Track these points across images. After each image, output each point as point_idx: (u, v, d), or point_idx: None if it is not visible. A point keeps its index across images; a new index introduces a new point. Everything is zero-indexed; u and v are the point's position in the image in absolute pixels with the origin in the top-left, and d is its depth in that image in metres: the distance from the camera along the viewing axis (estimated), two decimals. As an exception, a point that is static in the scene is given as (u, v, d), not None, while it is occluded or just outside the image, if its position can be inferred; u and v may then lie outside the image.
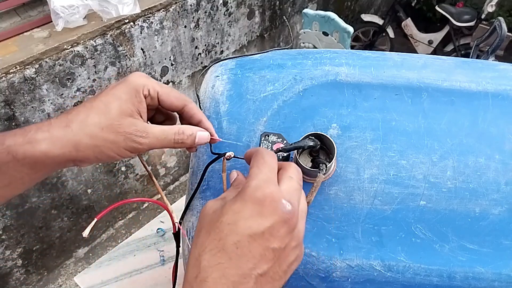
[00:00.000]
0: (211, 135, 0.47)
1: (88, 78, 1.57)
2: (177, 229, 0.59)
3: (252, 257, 0.29)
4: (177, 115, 0.48)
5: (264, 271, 0.29)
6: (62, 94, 1.51)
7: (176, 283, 0.71)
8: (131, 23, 1.61)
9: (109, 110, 0.37)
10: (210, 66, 0.67)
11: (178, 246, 0.62)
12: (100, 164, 1.82)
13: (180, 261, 0.64)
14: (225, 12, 2.03)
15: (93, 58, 1.54)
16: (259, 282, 0.29)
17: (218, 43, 2.10)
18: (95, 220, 0.53)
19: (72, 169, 1.72)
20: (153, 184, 0.51)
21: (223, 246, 0.29)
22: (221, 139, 0.50)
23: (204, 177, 0.55)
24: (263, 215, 0.30)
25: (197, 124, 0.45)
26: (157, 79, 1.85)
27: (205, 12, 1.91)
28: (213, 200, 0.36)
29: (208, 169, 0.54)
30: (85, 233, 0.48)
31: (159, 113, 0.48)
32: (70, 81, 1.51)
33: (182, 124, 0.46)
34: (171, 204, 0.55)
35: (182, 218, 0.59)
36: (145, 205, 2.24)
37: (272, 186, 0.32)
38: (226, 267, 0.28)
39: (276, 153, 0.50)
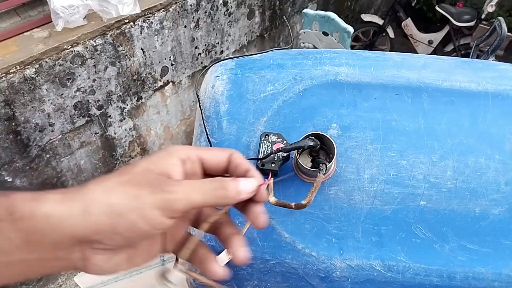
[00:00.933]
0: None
1: (88, 78, 1.57)
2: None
3: None
4: None
5: None
6: (62, 94, 1.51)
7: (176, 283, 0.71)
8: (131, 23, 1.61)
9: (133, 168, 0.33)
10: (210, 66, 0.68)
11: (178, 246, 0.62)
12: (100, 164, 1.82)
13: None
14: (225, 12, 2.03)
15: (93, 58, 1.54)
16: None
17: (218, 43, 2.10)
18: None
19: (72, 169, 1.72)
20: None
21: None
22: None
23: (204, 177, 0.55)
24: None
25: (244, 174, 0.39)
26: (157, 79, 1.85)
27: (205, 12, 1.91)
28: None
29: (208, 169, 0.54)
30: None
31: None
32: (70, 81, 1.51)
33: None
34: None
35: (182, 218, 0.59)
36: (145, 205, 2.24)
37: None
38: None
39: (276, 153, 0.51)
